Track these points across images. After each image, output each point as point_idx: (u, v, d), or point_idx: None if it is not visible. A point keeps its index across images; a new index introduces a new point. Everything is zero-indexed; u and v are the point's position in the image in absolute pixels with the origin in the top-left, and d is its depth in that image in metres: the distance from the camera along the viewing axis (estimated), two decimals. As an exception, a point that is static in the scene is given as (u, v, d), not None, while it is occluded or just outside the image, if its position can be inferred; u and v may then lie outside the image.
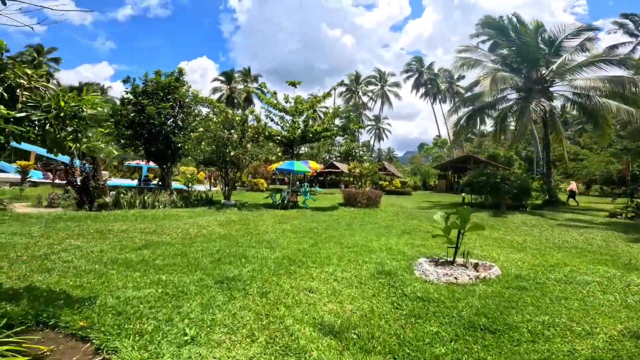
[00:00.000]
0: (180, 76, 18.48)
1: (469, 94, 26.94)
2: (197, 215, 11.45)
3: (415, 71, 61.61)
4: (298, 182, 39.80)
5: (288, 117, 28.97)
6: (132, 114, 17.31)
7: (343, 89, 57.90)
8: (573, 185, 21.56)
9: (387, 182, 33.11)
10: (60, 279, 4.49)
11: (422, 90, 62.36)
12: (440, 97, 65.18)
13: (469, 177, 19.73)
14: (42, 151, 29.59)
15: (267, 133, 18.14)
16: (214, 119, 14.41)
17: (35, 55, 50.60)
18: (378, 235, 9.06)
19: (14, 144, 3.04)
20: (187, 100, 18.06)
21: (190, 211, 12.34)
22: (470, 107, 22.94)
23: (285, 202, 14.84)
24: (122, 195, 12.44)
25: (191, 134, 13.90)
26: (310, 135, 27.87)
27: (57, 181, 22.29)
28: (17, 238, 6.73)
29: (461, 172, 34.95)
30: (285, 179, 43.92)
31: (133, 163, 26.97)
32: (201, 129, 13.79)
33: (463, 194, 20.38)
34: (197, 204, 14.03)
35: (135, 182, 25.22)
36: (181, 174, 31.48)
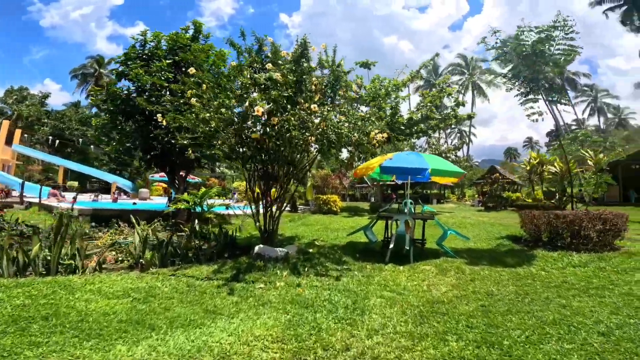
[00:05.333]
0: (197, 34, 11.02)
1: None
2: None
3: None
4: (395, 198, 30.53)
5: (364, 109, 20.47)
6: (127, 97, 10.25)
7: (421, 82, 47.98)
8: None
9: (519, 194, 22.50)
10: None
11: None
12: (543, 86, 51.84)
13: None
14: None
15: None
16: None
17: (97, 67, 49.45)
18: None
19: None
20: (205, 65, 10.40)
21: (144, 298, 4.06)
22: None
23: (408, 246, 5.98)
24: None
25: (189, 92, 5.80)
26: (402, 127, 18.91)
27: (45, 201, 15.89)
28: None
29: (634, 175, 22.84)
30: (369, 193, 35.06)
31: (157, 176, 20.14)
32: (193, 71, 5.67)
33: None
34: (196, 256, 5.79)
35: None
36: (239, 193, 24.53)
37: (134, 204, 16.84)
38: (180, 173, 10.55)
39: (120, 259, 5.57)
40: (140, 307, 3.60)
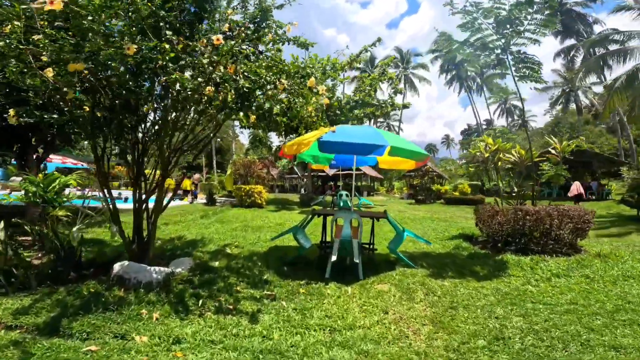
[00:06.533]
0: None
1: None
2: None
3: (444, 52, 50.87)
4: (335, 190, 28.86)
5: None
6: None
7: (356, 72, 47.43)
8: (577, 186, 15.52)
9: (447, 187, 22.63)
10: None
11: (449, 75, 52.14)
12: (467, 84, 55.19)
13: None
14: None
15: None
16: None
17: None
18: None
19: None
20: None
21: None
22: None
23: (357, 258, 4.18)
24: None
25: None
26: (337, 112, 17.43)
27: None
28: None
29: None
30: (299, 184, 33.14)
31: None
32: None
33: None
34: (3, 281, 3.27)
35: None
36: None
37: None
38: (35, 154, 7.37)
39: None
40: None
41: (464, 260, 5.43)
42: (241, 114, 3.64)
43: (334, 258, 4.11)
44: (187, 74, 3.17)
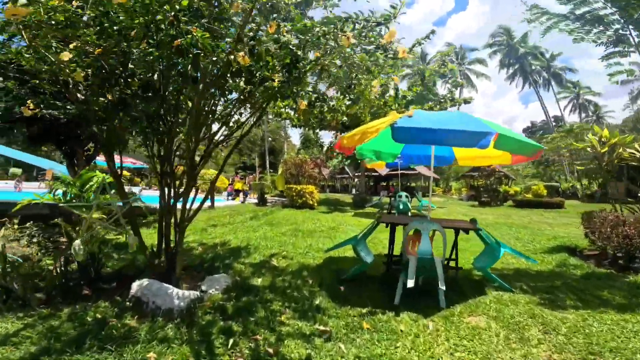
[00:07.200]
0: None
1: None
2: None
3: (505, 45, 46.87)
4: (382, 192, 27.78)
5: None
6: None
7: (408, 70, 45.08)
8: None
9: (516, 188, 20.24)
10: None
11: (511, 70, 47.75)
12: (532, 78, 50.19)
13: None
14: None
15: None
16: None
17: None
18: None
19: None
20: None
21: None
22: None
23: (442, 284, 3.10)
24: None
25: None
26: (392, 108, 16.10)
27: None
28: None
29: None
30: (350, 184, 32.24)
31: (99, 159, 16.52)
32: None
33: None
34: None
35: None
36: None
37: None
38: (85, 153, 7.15)
39: None
40: None
41: (579, 281, 4.08)
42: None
43: (410, 283, 3.06)
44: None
